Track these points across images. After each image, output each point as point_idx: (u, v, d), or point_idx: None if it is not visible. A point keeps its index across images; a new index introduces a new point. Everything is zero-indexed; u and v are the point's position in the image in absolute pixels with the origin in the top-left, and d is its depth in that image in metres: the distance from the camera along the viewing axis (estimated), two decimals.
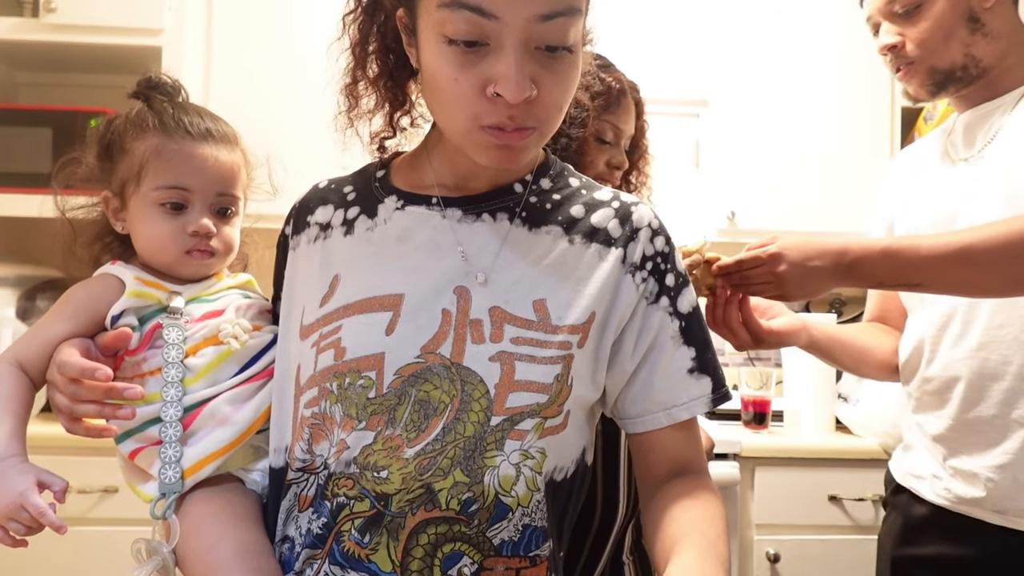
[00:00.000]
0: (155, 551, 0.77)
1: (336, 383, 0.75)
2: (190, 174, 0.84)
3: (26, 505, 0.74)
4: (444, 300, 0.76)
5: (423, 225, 0.80)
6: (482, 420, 0.73)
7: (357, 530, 0.72)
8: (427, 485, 0.72)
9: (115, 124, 0.87)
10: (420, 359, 0.75)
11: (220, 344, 0.83)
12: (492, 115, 0.70)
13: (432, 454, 0.72)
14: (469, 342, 0.75)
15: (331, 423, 0.75)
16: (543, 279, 0.78)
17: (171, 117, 0.85)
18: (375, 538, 0.72)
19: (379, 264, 0.79)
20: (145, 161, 0.83)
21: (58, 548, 1.78)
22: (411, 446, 0.73)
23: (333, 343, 0.76)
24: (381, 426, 0.73)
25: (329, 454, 0.75)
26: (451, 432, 0.73)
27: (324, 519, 0.74)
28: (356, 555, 0.72)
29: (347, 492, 0.73)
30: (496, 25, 0.67)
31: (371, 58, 0.83)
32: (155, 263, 0.86)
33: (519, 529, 0.74)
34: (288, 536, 0.78)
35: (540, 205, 0.82)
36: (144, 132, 0.84)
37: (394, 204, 0.83)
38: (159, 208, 0.84)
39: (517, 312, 0.77)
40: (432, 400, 0.74)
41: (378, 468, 0.73)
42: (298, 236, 0.87)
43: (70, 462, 1.78)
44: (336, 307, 0.78)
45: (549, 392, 0.75)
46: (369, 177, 0.87)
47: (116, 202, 0.86)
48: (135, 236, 0.86)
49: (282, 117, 2.01)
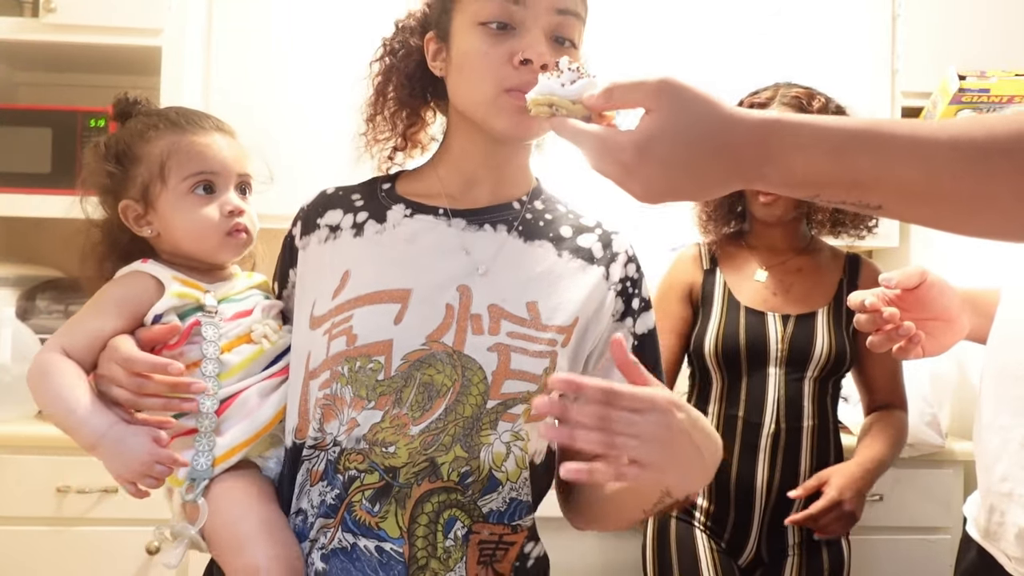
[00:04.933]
0: (181, 533, 0.82)
1: (347, 366, 0.83)
2: (212, 159, 0.90)
3: (159, 459, 0.80)
4: (448, 295, 0.86)
5: (431, 231, 0.90)
6: (479, 403, 0.83)
7: (368, 500, 0.81)
8: (431, 459, 0.81)
9: (117, 139, 0.91)
10: (425, 346, 0.84)
11: (252, 343, 0.90)
12: (515, 78, 0.82)
13: (435, 431, 0.82)
14: (470, 333, 0.84)
15: (341, 403, 0.83)
16: (535, 284, 0.89)
17: (177, 116, 0.92)
18: (384, 507, 0.81)
19: (388, 262, 0.88)
20: (166, 158, 0.88)
21: (58, 548, 1.78)
22: (416, 424, 0.82)
23: (345, 330, 0.84)
24: (389, 406, 0.82)
25: (339, 432, 0.82)
26: (452, 412, 0.82)
27: (337, 491, 0.82)
28: (367, 523, 0.81)
29: (358, 466, 0.82)
30: (523, 11, 0.83)
31: (391, 96, 0.95)
32: (197, 251, 0.91)
33: (506, 501, 0.85)
34: (301, 508, 0.85)
35: (534, 222, 0.94)
36: (154, 135, 0.89)
37: (403, 211, 0.92)
38: (192, 196, 0.89)
39: (512, 310, 0.86)
40: (435, 383, 0.83)
41: (386, 444, 0.81)
42: (308, 237, 0.94)
43: (70, 462, 1.79)
44: (347, 298, 0.86)
45: (538, 382, 0.85)
46: (375, 188, 0.96)
47: (139, 208, 0.90)
48: (172, 230, 0.90)
49: (282, 117, 2.01)
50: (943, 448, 1.89)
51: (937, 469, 1.92)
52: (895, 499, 1.90)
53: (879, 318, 0.97)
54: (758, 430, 1.46)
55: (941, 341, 1.02)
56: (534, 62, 0.82)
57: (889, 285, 0.99)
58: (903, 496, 1.91)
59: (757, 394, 1.47)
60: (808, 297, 1.53)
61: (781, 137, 0.61)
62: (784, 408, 1.46)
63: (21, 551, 1.76)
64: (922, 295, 1.00)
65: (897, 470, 1.90)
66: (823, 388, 1.50)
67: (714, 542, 1.47)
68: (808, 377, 1.48)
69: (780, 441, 1.45)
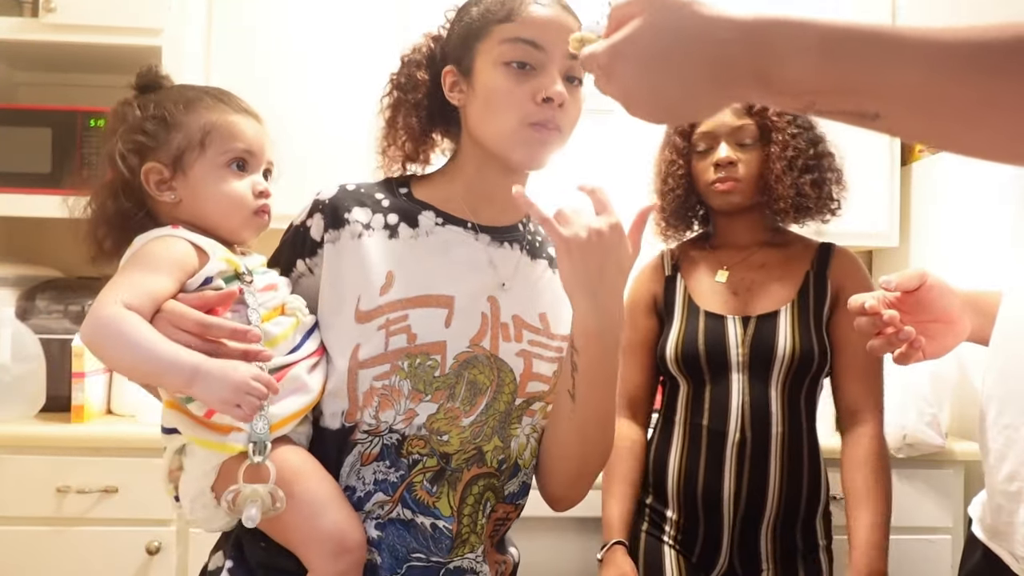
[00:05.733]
0: (255, 493, 0.83)
1: (407, 362, 0.92)
2: (252, 140, 0.93)
3: (258, 377, 0.80)
4: (481, 305, 0.97)
5: (462, 243, 0.99)
6: (510, 400, 0.96)
7: (428, 481, 0.92)
8: (479, 447, 0.94)
9: (156, 103, 0.92)
10: (470, 349, 0.95)
11: (287, 315, 0.92)
12: (538, 114, 0.93)
13: (480, 423, 0.94)
14: (501, 339, 0.97)
15: (399, 395, 0.91)
16: (542, 297, 1.02)
17: (220, 93, 0.95)
18: (439, 488, 0.93)
19: (429, 267, 0.96)
20: (210, 129, 0.91)
21: (58, 548, 1.78)
22: (467, 416, 0.94)
23: (404, 328, 0.92)
24: (443, 400, 0.92)
25: (395, 420, 0.92)
26: (491, 407, 0.95)
27: (401, 472, 0.92)
28: (425, 502, 0.92)
29: (419, 451, 0.92)
30: (543, 55, 0.94)
31: (400, 127, 1.04)
32: (222, 223, 0.92)
33: (520, 484, 1.00)
34: (350, 486, 0.93)
35: (534, 242, 1.06)
36: (200, 106, 0.92)
37: (433, 219, 1.00)
38: (227, 170, 0.92)
39: (529, 320, 0.99)
40: (479, 382, 0.94)
41: (441, 432, 0.92)
42: (337, 231, 0.97)
43: (70, 462, 1.79)
44: (399, 297, 0.94)
45: (550, 384, 0.99)
46: (393, 189, 1.02)
47: (166, 172, 0.90)
48: (201, 199, 0.91)
49: (282, 117, 2.01)
50: (943, 448, 1.88)
51: (937, 469, 1.92)
52: (895, 499, 1.90)
53: (879, 321, 0.96)
54: (723, 439, 1.40)
55: (942, 343, 1.02)
56: (554, 100, 0.92)
57: (888, 287, 0.98)
58: (903, 496, 1.90)
59: (721, 402, 1.41)
60: (772, 294, 1.45)
61: (773, 36, 0.56)
62: (749, 416, 1.39)
63: (21, 551, 1.76)
64: (922, 297, 0.99)
65: (897, 470, 1.91)
66: (794, 392, 1.41)
67: (684, 558, 1.42)
68: (775, 381, 1.40)
69: (747, 450, 1.39)
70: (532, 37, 0.94)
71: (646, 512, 1.48)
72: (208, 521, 0.91)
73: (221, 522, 0.92)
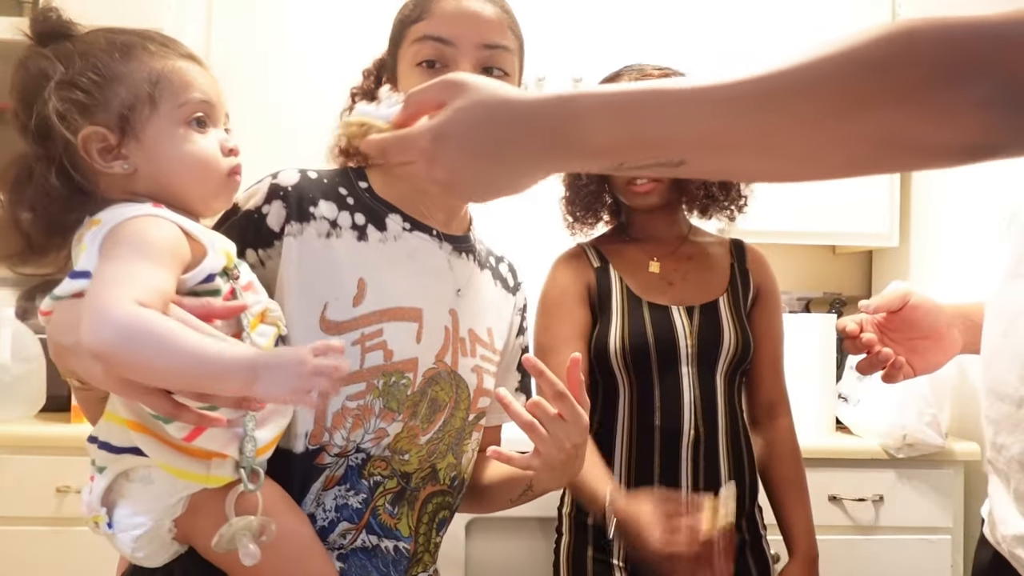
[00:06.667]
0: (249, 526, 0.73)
1: (383, 380, 0.88)
2: (209, 89, 0.79)
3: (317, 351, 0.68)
4: (444, 318, 0.94)
5: (427, 250, 0.96)
6: (464, 416, 0.96)
7: (389, 503, 0.90)
8: (433, 465, 0.93)
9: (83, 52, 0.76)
10: (435, 365, 0.92)
11: (268, 323, 0.80)
12: None
13: (436, 441, 0.93)
14: (460, 354, 0.95)
15: (369, 414, 0.87)
16: (487, 310, 1.02)
17: (156, 35, 0.80)
18: (400, 509, 0.90)
19: (398, 277, 0.92)
20: (157, 79, 0.75)
21: (58, 548, 1.78)
22: (424, 434, 0.91)
23: (380, 344, 0.88)
24: (407, 418, 0.90)
25: (363, 440, 0.87)
26: (447, 424, 0.94)
27: (363, 495, 0.88)
28: (387, 524, 0.89)
29: (381, 472, 0.89)
30: (453, 50, 0.91)
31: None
32: (192, 192, 0.77)
33: (462, 496, 1.01)
34: (310, 514, 0.86)
35: (480, 251, 1.04)
36: (141, 53, 0.76)
37: (401, 224, 0.95)
38: (187, 127, 0.77)
39: (480, 335, 0.99)
40: (439, 399, 0.93)
41: (402, 452, 0.90)
42: (301, 224, 0.89)
43: (70, 462, 1.79)
44: (372, 310, 0.89)
45: (492, 398, 0.99)
46: (352, 183, 0.96)
47: (114, 137, 0.74)
48: (165, 164, 0.76)
49: (283, 115, 2.01)
50: (943, 448, 1.88)
51: (937, 469, 1.92)
52: (895, 499, 1.91)
53: (859, 343, 0.99)
54: (678, 438, 1.32)
55: (932, 359, 1.04)
56: None
57: (867, 311, 1.01)
58: (903, 496, 1.91)
59: (672, 398, 1.33)
60: (707, 284, 1.42)
61: (575, 107, 0.60)
62: (701, 410, 1.34)
63: (21, 551, 1.76)
64: (908, 316, 1.01)
65: (897, 470, 1.91)
66: (731, 383, 1.39)
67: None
68: (719, 373, 1.37)
69: (701, 448, 1.33)
70: (439, 33, 0.91)
71: (589, 534, 1.38)
72: (151, 558, 0.78)
73: (164, 557, 0.79)
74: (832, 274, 2.54)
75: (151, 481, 0.75)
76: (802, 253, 2.49)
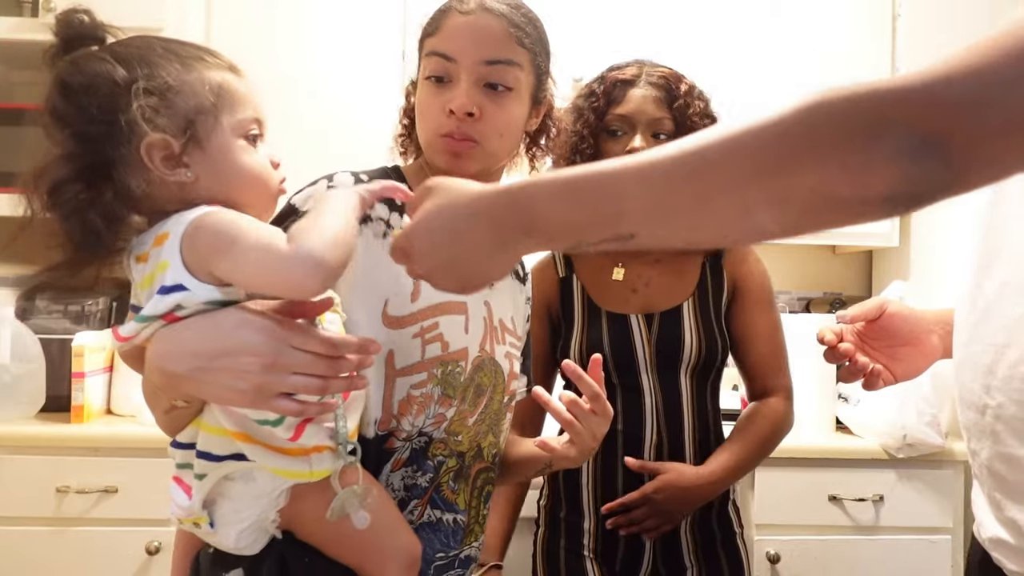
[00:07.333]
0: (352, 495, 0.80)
1: (441, 369, 0.95)
2: (259, 106, 0.80)
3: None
4: (482, 310, 1.02)
5: None
6: (501, 399, 1.04)
7: (451, 480, 0.98)
8: (478, 444, 1.01)
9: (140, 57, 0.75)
10: (480, 353, 1.00)
11: (335, 313, 0.83)
12: (447, 126, 0.95)
13: (480, 423, 1.01)
14: (496, 343, 1.03)
15: (430, 400, 0.95)
16: (509, 300, 1.09)
17: (208, 50, 0.80)
18: (459, 485, 0.99)
19: None
20: (218, 91, 0.76)
21: (58, 548, 1.78)
22: (471, 416, 0.99)
23: (437, 336, 0.95)
24: (459, 403, 0.97)
25: (425, 425, 0.95)
26: (488, 407, 1.02)
27: (430, 474, 0.96)
28: (449, 500, 0.98)
29: (443, 453, 0.97)
30: (455, 66, 0.95)
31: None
32: (249, 204, 0.78)
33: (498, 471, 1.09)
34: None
35: None
36: (196, 63, 0.76)
37: None
38: (244, 141, 0.78)
39: (508, 324, 1.07)
40: (483, 384, 1.00)
41: (456, 433, 0.98)
42: (361, 226, 0.92)
43: (70, 462, 1.79)
44: (428, 304, 0.95)
45: (519, 382, 1.10)
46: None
47: (177, 145, 0.73)
48: (228, 175, 0.76)
49: (282, 116, 2.01)
50: (943, 448, 1.88)
51: (937, 469, 1.92)
52: (895, 499, 1.91)
53: (837, 353, 1.02)
54: (640, 443, 1.36)
55: (912, 365, 1.07)
56: (456, 112, 0.93)
57: (844, 321, 1.05)
58: (903, 496, 1.91)
59: (634, 405, 1.37)
60: (672, 289, 1.42)
61: (530, 194, 0.65)
62: (663, 416, 1.37)
63: (21, 551, 1.76)
64: (885, 324, 1.05)
65: (897, 470, 1.91)
66: (702, 386, 1.40)
67: (607, 568, 1.39)
68: (683, 377, 1.38)
69: (664, 451, 1.36)
70: (443, 50, 0.95)
71: (562, 527, 1.43)
72: (252, 546, 0.82)
73: (262, 543, 0.83)
74: (832, 274, 2.54)
75: (253, 479, 0.79)
76: (802, 253, 2.50)
